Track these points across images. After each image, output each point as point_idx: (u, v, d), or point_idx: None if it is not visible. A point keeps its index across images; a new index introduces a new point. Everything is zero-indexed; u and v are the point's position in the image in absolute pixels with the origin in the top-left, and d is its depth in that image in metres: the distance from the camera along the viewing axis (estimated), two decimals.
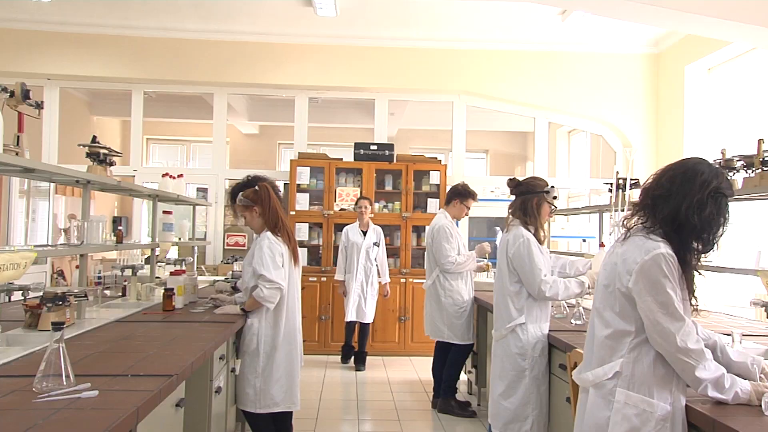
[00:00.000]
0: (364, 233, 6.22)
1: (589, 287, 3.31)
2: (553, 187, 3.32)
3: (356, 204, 6.38)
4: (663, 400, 1.86)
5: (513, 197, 3.41)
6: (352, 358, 6.38)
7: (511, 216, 3.36)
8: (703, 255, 1.91)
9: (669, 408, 1.86)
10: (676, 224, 1.86)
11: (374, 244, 6.21)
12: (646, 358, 1.88)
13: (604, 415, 1.92)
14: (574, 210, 5.84)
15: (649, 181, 1.98)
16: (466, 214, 5.05)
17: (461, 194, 4.93)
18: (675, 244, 1.86)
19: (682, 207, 1.84)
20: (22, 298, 2.81)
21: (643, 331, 1.88)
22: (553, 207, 3.35)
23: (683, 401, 1.89)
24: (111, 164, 3.77)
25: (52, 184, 6.93)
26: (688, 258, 1.87)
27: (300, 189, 7.07)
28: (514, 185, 3.39)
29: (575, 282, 3.29)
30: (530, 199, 3.29)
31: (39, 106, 3.01)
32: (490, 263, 5.11)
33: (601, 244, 3.92)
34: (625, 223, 2.02)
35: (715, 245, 1.89)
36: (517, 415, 3.18)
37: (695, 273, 1.91)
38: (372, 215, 6.44)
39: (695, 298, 1.91)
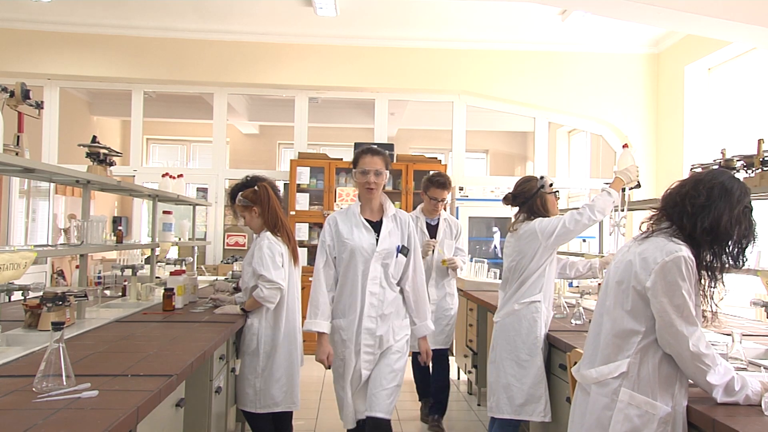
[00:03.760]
0: (376, 227, 3.00)
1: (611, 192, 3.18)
2: (542, 177, 3.29)
3: (356, 165, 3.03)
4: (665, 402, 1.86)
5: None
6: None
7: (520, 215, 3.33)
8: (735, 267, 1.93)
9: (670, 410, 1.86)
10: (713, 234, 1.87)
11: (399, 250, 2.99)
12: (652, 359, 1.88)
13: (607, 414, 1.92)
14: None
15: (675, 187, 1.99)
16: (442, 207, 4.48)
17: (424, 185, 4.47)
18: (704, 252, 1.89)
19: (723, 219, 1.86)
20: (22, 298, 2.81)
21: (652, 332, 1.88)
22: (555, 193, 3.33)
23: (685, 404, 1.89)
24: (111, 164, 3.78)
25: (52, 184, 6.93)
26: (715, 266, 1.90)
27: (300, 189, 7.08)
28: (512, 200, 3.37)
29: (600, 194, 3.19)
30: (533, 203, 3.27)
31: (39, 106, 3.01)
32: (431, 241, 4.44)
33: (625, 146, 3.77)
34: (648, 224, 2.01)
35: (747, 259, 1.94)
36: (532, 395, 3.13)
37: (717, 283, 1.92)
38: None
39: (717, 305, 1.93)
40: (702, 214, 1.88)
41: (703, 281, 1.89)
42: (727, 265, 1.91)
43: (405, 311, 3.09)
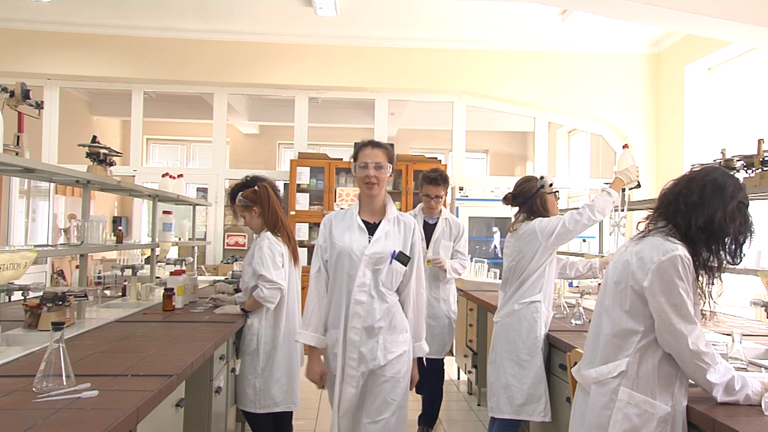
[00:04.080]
0: (371, 229, 2.64)
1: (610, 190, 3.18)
2: (543, 177, 3.30)
3: (356, 159, 2.70)
4: (665, 401, 1.86)
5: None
6: None
7: (520, 215, 3.33)
8: (732, 264, 1.93)
9: (670, 410, 1.86)
10: (708, 232, 1.87)
11: (394, 256, 2.59)
12: (652, 359, 1.88)
13: (606, 413, 1.92)
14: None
15: (669, 186, 1.99)
16: (440, 204, 4.30)
17: (420, 182, 4.35)
18: (701, 250, 1.89)
19: (717, 216, 1.86)
20: (22, 298, 2.81)
21: (651, 332, 1.88)
22: (555, 193, 3.33)
23: (684, 403, 1.89)
24: (111, 164, 3.78)
25: (52, 184, 6.93)
26: (711, 264, 1.90)
27: (300, 189, 7.09)
28: (512, 200, 3.37)
29: (599, 194, 3.19)
30: (532, 203, 3.27)
31: (39, 106, 3.01)
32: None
33: (625, 146, 3.75)
34: (645, 224, 2.02)
35: (744, 255, 1.93)
36: (531, 395, 3.13)
37: (714, 280, 1.92)
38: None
39: (716, 302, 1.93)
40: (696, 212, 1.88)
41: (700, 279, 1.89)
42: (724, 263, 1.91)
43: (405, 325, 2.64)
